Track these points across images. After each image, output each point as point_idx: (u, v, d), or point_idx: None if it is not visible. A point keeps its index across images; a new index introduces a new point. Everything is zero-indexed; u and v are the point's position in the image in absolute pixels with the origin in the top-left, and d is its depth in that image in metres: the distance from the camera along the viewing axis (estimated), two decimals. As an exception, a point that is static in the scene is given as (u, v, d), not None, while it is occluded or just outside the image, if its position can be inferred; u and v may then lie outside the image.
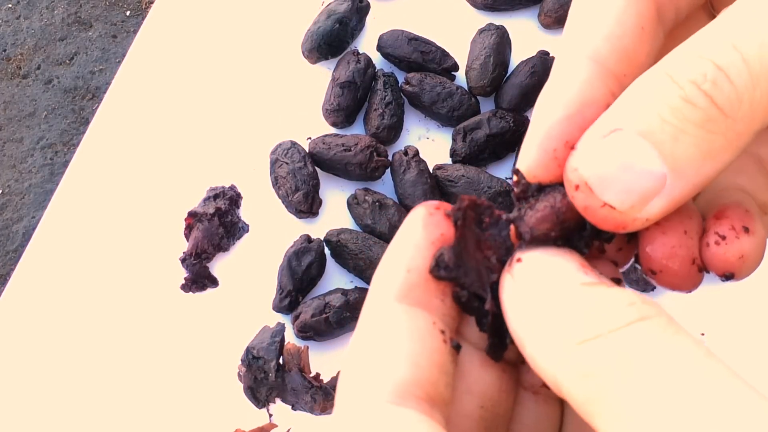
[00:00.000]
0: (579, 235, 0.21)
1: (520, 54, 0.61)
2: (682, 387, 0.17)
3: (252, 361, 0.53)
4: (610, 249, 0.23)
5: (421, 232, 0.22)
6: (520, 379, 0.24)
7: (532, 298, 0.20)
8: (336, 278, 0.57)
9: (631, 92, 0.20)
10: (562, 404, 0.24)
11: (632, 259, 0.23)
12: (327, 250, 0.57)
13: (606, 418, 0.17)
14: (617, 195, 0.19)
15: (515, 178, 0.22)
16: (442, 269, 0.21)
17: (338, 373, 0.55)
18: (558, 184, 0.21)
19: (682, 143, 0.19)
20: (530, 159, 0.22)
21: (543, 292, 0.20)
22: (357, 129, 0.61)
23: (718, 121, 0.19)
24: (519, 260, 0.21)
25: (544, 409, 0.24)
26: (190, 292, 0.57)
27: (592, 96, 0.21)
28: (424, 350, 0.20)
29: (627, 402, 0.17)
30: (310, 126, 0.61)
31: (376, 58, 0.62)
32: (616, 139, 0.19)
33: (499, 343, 0.22)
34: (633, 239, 0.22)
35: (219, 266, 0.58)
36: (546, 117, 0.21)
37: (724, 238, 0.21)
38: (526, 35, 0.62)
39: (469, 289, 0.22)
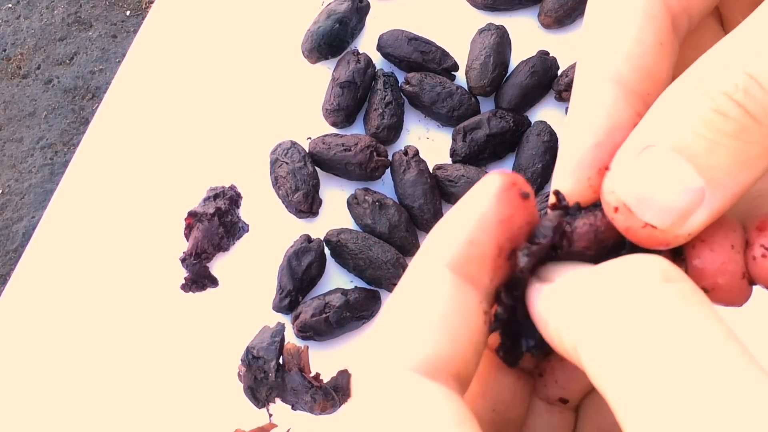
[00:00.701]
0: (617, 255, 0.21)
1: (520, 54, 0.61)
2: (694, 369, 0.16)
3: (252, 361, 0.53)
4: None
5: (494, 208, 0.21)
6: (536, 389, 0.23)
7: (556, 280, 0.20)
8: (336, 278, 0.57)
9: (661, 107, 0.20)
10: (575, 415, 0.24)
11: None
12: (327, 250, 0.57)
13: (617, 392, 0.17)
14: (657, 214, 0.19)
15: (553, 198, 0.22)
16: (529, 264, 0.21)
17: (338, 372, 0.55)
18: (599, 203, 0.21)
19: (717, 155, 0.19)
20: (565, 188, 0.21)
21: (569, 275, 0.20)
22: (357, 129, 0.61)
23: (752, 130, 0.18)
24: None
25: (558, 420, 0.23)
26: (190, 292, 0.57)
27: (619, 120, 0.21)
28: (466, 327, 0.20)
29: (638, 379, 0.17)
30: (310, 126, 0.61)
31: (376, 58, 0.62)
32: (650, 157, 0.19)
33: (512, 347, 0.22)
34: (678, 257, 0.22)
35: (219, 266, 0.58)
36: (576, 145, 0.21)
37: None
38: (526, 35, 0.62)
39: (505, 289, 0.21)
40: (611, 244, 0.21)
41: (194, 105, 0.62)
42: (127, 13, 1.33)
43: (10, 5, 1.34)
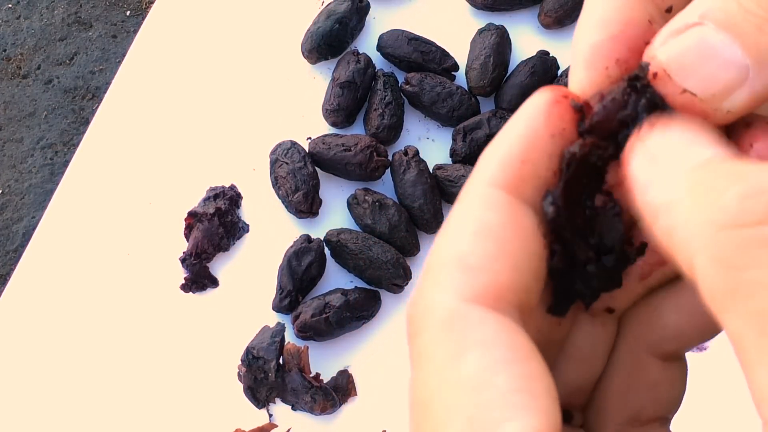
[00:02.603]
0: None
1: (520, 54, 0.61)
2: None
3: (252, 361, 0.53)
4: None
5: (543, 122, 0.19)
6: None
7: (673, 164, 0.18)
8: (336, 278, 0.57)
9: None
10: (617, 326, 0.23)
11: None
12: (327, 250, 0.57)
13: (742, 320, 0.15)
14: (698, 82, 0.18)
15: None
16: (555, 214, 0.19)
17: (338, 373, 0.55)
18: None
19: (766, 34, 0.18)
20: (582, 80, 0.20)
21: (689, 158, 0.18)
22: (357, 129, 0.61)
23: None
24: (651, 125, 0.19)
25: (600, 332, 0.22)
26: (190, 292, 0.57)
27: (633, 17, 0.20)
28: (526, 252, 0.18)
29: None
30: (310, 126, 0.61)
31: (376, 58, 0.62)
32: (696, 32, 0.18)
33: (564, 300, 0.21)
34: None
35: (219, 266, 0.58)
36: (591, 37, 0.20)
37: None
38: (526, 35, 0.62)
39: (568, 241, 0.20)
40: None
41: (194, 105, 0.62)
42: (127, 13, 1.33)
43: (10, 5, 1.34)
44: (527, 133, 0.19)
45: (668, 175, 0.18)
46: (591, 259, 0.20)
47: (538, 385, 0.17)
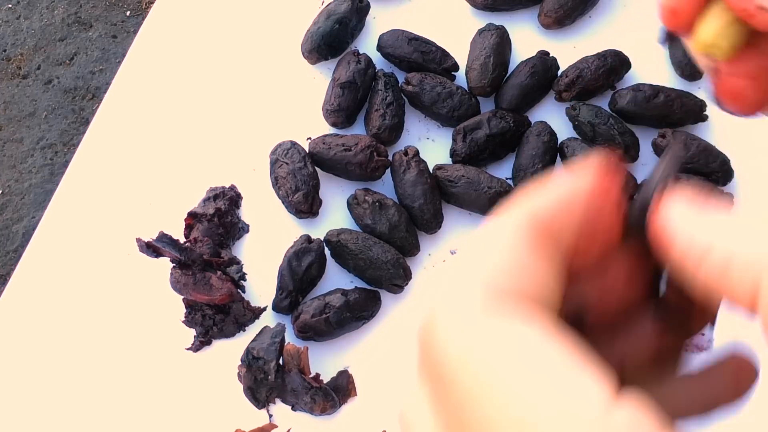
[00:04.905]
0: None
1: (520, 54, 0.61)
2: None
3: (252, 362, 0.53)
4: None
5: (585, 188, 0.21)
6: None
7: (709, 217, 0.20)
8: (336, 278, 0.57)
9: None
10: None
11: None
12: (327, 251, 0.57)
13: None
14: None
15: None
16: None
17: (338, 373, 0.55)
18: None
19: None
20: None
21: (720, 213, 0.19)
22: (357, 129, 0.61)
23: None
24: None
25: None
26: (190, 293, 0.57)
27: None
28: (558, 278, 0.20)
29: None
30: (310, 126, 0.61)
31: (376, 58, 0.62)
32: None
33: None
34: None
35: (219, 266, 0.58)
36: None
37: None
38: (526, 35, 0.62)
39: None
40: None
41: (194, 105, 0.62)
42: (127, 13, 1.33)
43: (10, 5, 1.34)
44: (573, 195, 0.21)
45: (711, 221, 0.19)
46: None
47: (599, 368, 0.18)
